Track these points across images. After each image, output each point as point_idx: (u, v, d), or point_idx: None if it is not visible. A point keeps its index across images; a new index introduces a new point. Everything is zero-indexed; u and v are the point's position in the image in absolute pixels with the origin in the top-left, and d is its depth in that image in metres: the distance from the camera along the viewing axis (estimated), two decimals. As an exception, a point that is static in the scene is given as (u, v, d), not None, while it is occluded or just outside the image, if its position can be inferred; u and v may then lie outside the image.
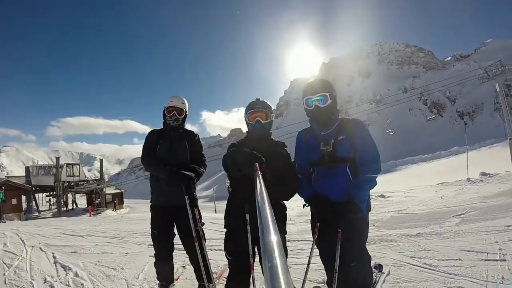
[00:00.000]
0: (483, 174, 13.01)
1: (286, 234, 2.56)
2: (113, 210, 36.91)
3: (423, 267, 3.95)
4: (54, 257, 4.98)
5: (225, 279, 3.18)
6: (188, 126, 3.48)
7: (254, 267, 2.36)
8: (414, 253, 4.49)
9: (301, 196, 2.49)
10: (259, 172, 1.87)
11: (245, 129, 2.72)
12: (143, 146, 3.22)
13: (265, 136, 2.59)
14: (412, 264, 4.06)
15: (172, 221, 3.21)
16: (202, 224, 3.13)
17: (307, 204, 2.47)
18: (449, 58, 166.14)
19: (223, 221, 2.65)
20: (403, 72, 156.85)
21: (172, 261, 3.37)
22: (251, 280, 2.39)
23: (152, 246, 3.34)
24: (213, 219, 9.42)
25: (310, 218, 2.61)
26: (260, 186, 1.54)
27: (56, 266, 4.58)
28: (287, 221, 2.65)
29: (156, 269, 3.34)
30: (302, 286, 2.46)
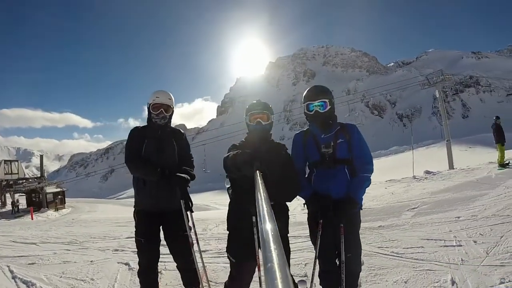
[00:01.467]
0: (427, 172, 14.39)
1: (288, 233, 2.67)
2: (55, 210, 34.16)
3: (391, 255, 4.38)
4: (11, 271, 4.42)
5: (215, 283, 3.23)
6: (130, 121, 3.38)
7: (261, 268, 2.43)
8: (380, 244, 4.92)
9: (301, 196, 2.68)
10: (259, 172, 1.93)
11: (196, 124, 2.83)
12: (127, 146, 3.00)
13: (266, 138, 2.66)
14: (381, 253, 4.47)
15: (160, 227, 3.02)
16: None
17: (304, 204, 2.70)
18: (392, 64, 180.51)
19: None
20: (347, 75, 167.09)
21: (157, 270, 3.13)
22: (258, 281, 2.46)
23: (116, 252, 3.20)
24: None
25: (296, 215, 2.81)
26: (260, 186, 1.58)
27: (16, 282, 4.08)
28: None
29: (141, 280, 3.04)
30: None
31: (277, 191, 2.33)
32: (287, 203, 2.66)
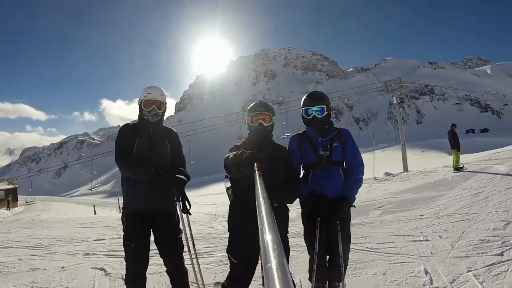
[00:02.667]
0: (387, 173, 15.32)
1: (288, 233, 2.78)
2: (7, 209, 31.78)
3: (366, 250, 4.69)
4: (-26, 283, 4.06)
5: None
6: (86, 115, 3.29)
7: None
8: (354, 240, 5.13)
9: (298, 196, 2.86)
10: (259, 172, 1.99)
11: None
12: (117, 143, 2.84)
13: (267, 139, 2.74)
14: (357, 249, 4.75)
15: (150, 230, 2.91)
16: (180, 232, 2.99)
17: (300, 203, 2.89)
18: (351, 69, 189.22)
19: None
20: (307, 77, 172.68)
21: (146, 276, 2.96)
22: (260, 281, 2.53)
23: (88, 256, 3.10)
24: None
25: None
26: (260, 186, 1.63)
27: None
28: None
29: (128, 287, 2.89)
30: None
31: (281, 193, 2.46)
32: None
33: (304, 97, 2.98)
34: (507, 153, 17.45)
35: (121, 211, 2.91)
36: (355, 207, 2.93)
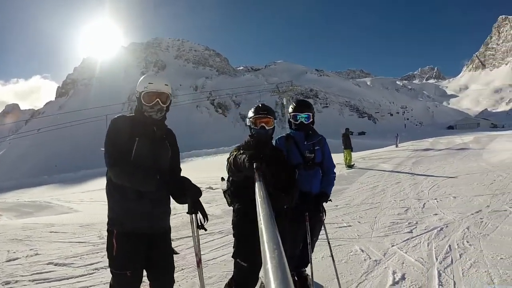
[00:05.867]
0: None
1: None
2: None
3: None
4: None
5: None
6: None
7: None
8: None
9: None
10: (259, 172, 2.12)
11: (29, 105, 2.75)
12: (110, 142, 2.37)
13: (268, 142, 2.93)
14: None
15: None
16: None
17: None
18: (241, 68, 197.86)
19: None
20: (197, 71, 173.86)
21: None
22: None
23: (8, 285, 2.70)
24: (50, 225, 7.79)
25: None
26: (260, 186, 1.73)
27: None
28: None
29: None
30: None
31: (290, 196, 2.74)
32: None
33: (293, 104, 3.48)
34: (385, 153, 21.31)
35: (108, 229, 2.41)
36: (331, 201, 3.66)
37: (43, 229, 6.44)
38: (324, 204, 3.37)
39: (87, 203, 11.59)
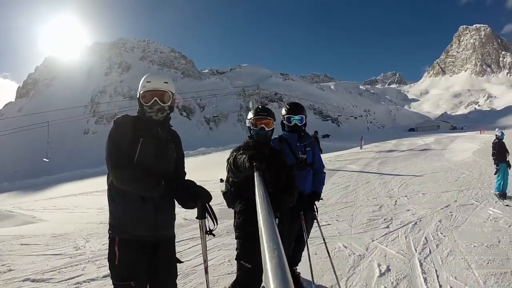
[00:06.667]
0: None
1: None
2: None
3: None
4: None
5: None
6: None
7: None
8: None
9: None
10: (259, 172, 2.14)
11: None
12: (112, 143, 2.24)
13: (267, 142, 2.97)
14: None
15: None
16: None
17: None
18: (207, 70, 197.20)
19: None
20: (162, 74, 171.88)
21: None
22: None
23: None
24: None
25: None
26: (260, 186, 1.75)
27: None
28: None
29: None
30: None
31: (287, 198, 2.80)
32: None
33: (287, 107, 3.59)
34: (351, 155, 22.03)
35: (110, 236, 2.28)
36: (322, 200, 3.74)
37: (13, 241, 5.95)
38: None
39: (51, 211, 11.01)
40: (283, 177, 2.75)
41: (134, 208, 2.22)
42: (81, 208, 10.77)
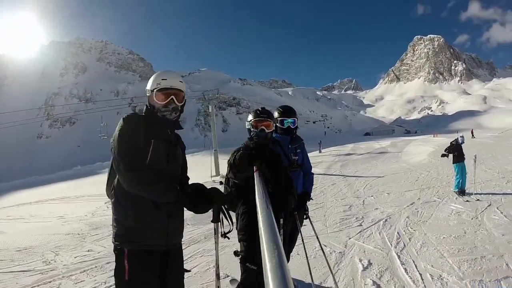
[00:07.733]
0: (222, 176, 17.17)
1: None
2: None
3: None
4: None
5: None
6: None
7: None
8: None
9: None
10: (259, 172, 2.21)
11: None
12: (124, 143, 2.06)
13: (267, 144, 3.03)
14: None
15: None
16: None
17: None
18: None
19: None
20: (119, 76, 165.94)
21: None
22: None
23: None
24: None
25: None
26: (260, 186, 1.78)
27: None
28: None
29: None
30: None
31: (288, 199, 2.88)
32: None
33: (280, 110, 3.71)
34: (311, 159, 22.31)
35: (117, 248, 2.10)
36: (312, 199, 3.96)
37: (-27, 256, 5.50)
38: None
39: (5, 222, 10.16)
40: (283, 177, 2.85)
41: (147, 215, 2.07)
42: (37, 217, 10.13)
